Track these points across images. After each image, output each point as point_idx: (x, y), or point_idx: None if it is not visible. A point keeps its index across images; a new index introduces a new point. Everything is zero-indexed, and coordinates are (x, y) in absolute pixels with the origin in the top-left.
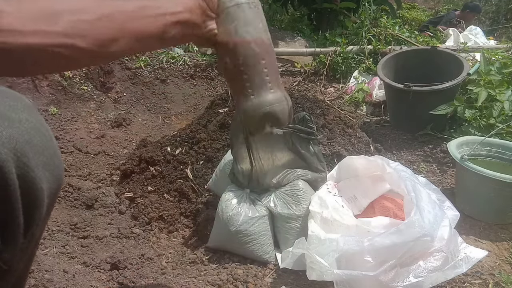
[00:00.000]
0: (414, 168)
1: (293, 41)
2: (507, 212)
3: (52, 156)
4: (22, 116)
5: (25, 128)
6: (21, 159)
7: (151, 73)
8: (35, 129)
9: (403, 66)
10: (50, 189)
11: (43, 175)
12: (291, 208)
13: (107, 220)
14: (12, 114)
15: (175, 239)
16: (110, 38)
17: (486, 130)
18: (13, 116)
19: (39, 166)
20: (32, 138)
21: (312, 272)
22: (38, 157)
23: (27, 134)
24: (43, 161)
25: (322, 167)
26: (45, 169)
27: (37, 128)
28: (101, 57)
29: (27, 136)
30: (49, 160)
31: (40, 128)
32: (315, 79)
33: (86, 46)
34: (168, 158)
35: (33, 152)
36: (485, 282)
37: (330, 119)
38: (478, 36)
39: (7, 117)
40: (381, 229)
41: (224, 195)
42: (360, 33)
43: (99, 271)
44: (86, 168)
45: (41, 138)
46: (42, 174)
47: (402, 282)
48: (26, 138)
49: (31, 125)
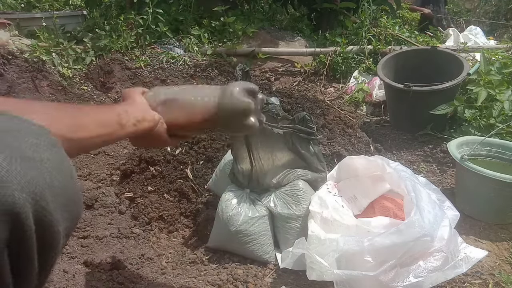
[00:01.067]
0: (414, 168)
1: (293, 41)
2: (507, 212)
3: (72, 196)
4: (44, 155)
5: (46, 169)
6: (39, 203)
7: (151, 73)
8: (57, 169)
9: (403, 66)
10: (67, 228)
11: (60, 217)
12: (291, 208)
13: (107, 220)
14: (34, 154)
15: (175, 239)
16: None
17: (486, 130)
18: (35, 156)
19: (57, 208)
20: (53, 179)
21: (312, 272)
22: (57, 199)
23: (48, 175)
24: (62, 202)
25: (322, 167)
26: (63, 210)
27: (59, 168)
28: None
29: (48, 178)
30: (69, 201)
31: (61, 168)
32: (315, 79)
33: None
34: (168, 158)
35: (52, 194)
36: (485, 282)
37: (330, 119)
38: (478, 36)
39: (28, 158)
40: (381, 229)
41: (224, 195)
42: (360, 33)
43: (99, 271)
44: (86, 168)
45: (62, 178)
46: (60, 216)
47: (402, 282)
48: (47, 180)
49: (52, 165)
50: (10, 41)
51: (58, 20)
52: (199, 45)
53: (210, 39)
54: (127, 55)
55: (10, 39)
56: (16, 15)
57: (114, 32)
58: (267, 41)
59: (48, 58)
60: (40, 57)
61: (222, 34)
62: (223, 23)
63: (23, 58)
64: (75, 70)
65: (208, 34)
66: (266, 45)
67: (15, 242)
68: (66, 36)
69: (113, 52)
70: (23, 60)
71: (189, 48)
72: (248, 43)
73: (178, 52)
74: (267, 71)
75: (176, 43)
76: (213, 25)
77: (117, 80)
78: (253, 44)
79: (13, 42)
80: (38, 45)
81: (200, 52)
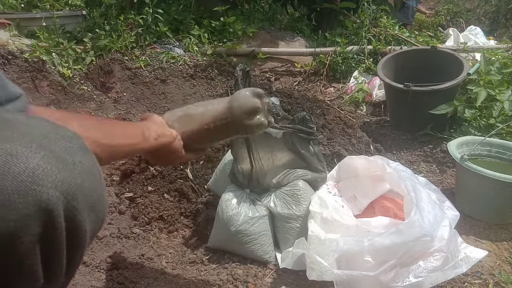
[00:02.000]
0: (414, 168)
1: (293, 41)
2: (507, 212)
3: (99, 198)
4: (76, 158)
5: (78, 171)
6: (71, 202)
7: (151, 73)
8: (88, 172)
9: (403, 66)
10: (93, 229)
11: (88, 218)
12: (291, 208)
13: (107, 220)
14: (67, 156)
15: (175, 239)
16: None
17: (486, 130)
18: (68, 158)
19: (86, 209)
20: (83, 181)
21: (312, 272)
22: (87, 200)
23: (80, 177)
24: (90, 203)
25: (322, 167)
26: (91, 211)
27: (90, 170)
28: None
29: (79, 179)
30: (96, 202)
31: (92, 170)
32: (315, 79)
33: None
34: None
35: (82, 195)
36: (485, 282)
37: (330, 119)
38: (478, 36)
39: (62, 160)
40: (381, 229)
41: (224, 195)
42: (360, 33)
43: (99, 271)
44: None
45: (92, 180)
46: (88, 216)
47: (402, 282)
48: (78, 182)
49: (83, 168)
50: (10, 41)
51: (58, 20)
52: (199, 45)
53: (210, 39)
54: (127, 55)
55: (10, 39)
56: (16, 15)
57: (114, 32)
58: (267, 41)
59: (48, 58)
60: (40, 57)
61: (222, 34)
62: (223, 23)
63: (23, 58)
64: (75, 70)
65: (208, 34)
66: (266, 45)
67: (47, 239)
68: (66, 36)
69: (113, 52)
70: (23, 60)
71: (189, 48)
72: (248, 43)
73: (178, 52)
74: (267, 71)
75: (176, 43)
76: (213, 25)
77: (117, 80)
78: (253, 44)
79: (13, 42)
80: (38, 45)
81: (200, 52)
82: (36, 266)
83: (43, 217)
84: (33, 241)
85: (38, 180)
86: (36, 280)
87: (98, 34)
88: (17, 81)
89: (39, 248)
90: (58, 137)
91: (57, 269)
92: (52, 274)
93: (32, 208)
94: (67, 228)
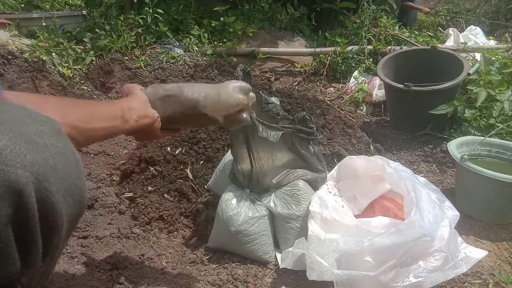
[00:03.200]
0: (414, 168)
1: (293, 41)
2: (507, 212)
3: (75, 180)
4: (49, 141)
5: (50, 153)
6: (42, 183)
7: (151, 73)
8: (61, 154)
9: (403, 66)
10: (70, 214)
11: (63, 201)
12: (291, 208)
13: (107, 220)
14: (39, 139)
15: (175, 239)
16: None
17: (486, 130)
18: (39, 141)
19: (60, 191)
20: (56, 163)
21: (312, 272)
22: (61, 182)
23: (52, 159)
24: (65, 186)
25: (322, 167)
26: (67, 194)
27: (63, 153)
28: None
29: (51, 161)
30: (72, 186)
31: (66, 153)
32: (315, 79)
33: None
34: (168, 158)
35: (55, 177)
36: (485, 282)
37: (330, 119)
38: (478, 36)
39: (32, 142)
40: (381, 229)
41: (224, 195)
42: (360, 33)
43: (99, 271)
44: (86, 168)
45: (66, 163)
46: (63, 199)
47: (402, 282)
48: (50, 163)
49: (56, 150)
50: (10, 41)
51: (58, 20)
52: (199, 45)
53: (210, 39)
54: (127, 55)
55: (10, 39)
56: (16, 15)
57: (114, 32)
58: (267, 41)
59: (48, 58)
60: (40, 57)
61: (222, 34)
62: (223, 23)
63: (23, 58)
64: (75, 70)
65: (208, 34)
66: (266, 45)
67: (19, 220)
68: (66, 36)
69: (113, 52)
70: (23, 60)
71: (189, 48)
72: (248, 43)
73: (178, 52)
74: (267, 71)
75: (176, 43)
76: (213, 25)
77: (117, 80)
78: (253, 44)
79: (13, 42)
80: (38, 45)
81: (200, 52)
82: (11, 248)
83: (13, 197)
84: (5, 222)
85: (6, 161)
86: (12, 263)
87: (98, 34)
88: (17, 81)
89: (11, 229)
90: (29, 120)
91: (33, 252)
92: (29, 257)
93: (1, 189)
94: (40, 210)
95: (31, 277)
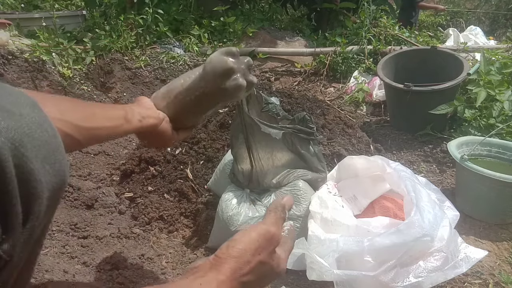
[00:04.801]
0: (414, 168)
1: (293, 41)
2: (507, 212)
3: (54, 151)
4: (24, 111)
5: (25, 122)
6: (18, 149)
7: (151, 73)
8: (37, 124)
9: (403, 66)
10: (51, 182)
11: (41, 168)
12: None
13: (107, 220)
14: (13, 108)
15: (175, 239)
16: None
17: (486, 130)
18: (14, 110)
19: (38, 158)
20: (32, 132)
21: (312, 272)
22: (38, 150)
23: (27, 127)
24: (43, 154)
25: (322, 167)
26: (45, 162)
27: (39, 123)
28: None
29: (27, 129)
30: (50, 155)
31: (42, 124)
32: (315, 79)
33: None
34: (168, 158)
35: (32, 144)
36: (485, 282)
37: (330, 119)
38: (478, 36)
39: (6, 110)
40: (381, 229)
41: (224, 195)
42: (360, 33)
43: (99, 271)
44: (86, 168)
45: (43, 133)
46: (41, 166)
47: (402, 282)
48: (25, 131)
49: (32, 120)
50: (10, 41)
51: (58, 20)
52: (199, 45)
53: (210, 39)
54: (127, 55)
55: (10, 39)
56: (16, 15)
57: (114, 32)
58: (267, 41)
59: (48, 58)
60: (40, 57)
61: (222, 34)
62: (223, 23)
63: (23, 58)
64: (75, 70)
65: (208, 34)
66: (266, 45)
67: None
68: (66, 36)
69: (113, 52)
70: (23, 60)
71: (189, 48)
72: (248, 43)
73: (178, 52)
74: (267, 71)
75: (176, 43)
76: (213, 25)
77: (117, 80)
78: (253, 44)
79: (13, 42)
80: (38, 45)
81: (200, 52)
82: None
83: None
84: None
85: None
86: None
87: (98, 34)
88: (17, 81)
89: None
90: (4, 92)
91: (12, 217)
92: (8, 223)
93: None
94: (18, 175)
95: (13, 245)
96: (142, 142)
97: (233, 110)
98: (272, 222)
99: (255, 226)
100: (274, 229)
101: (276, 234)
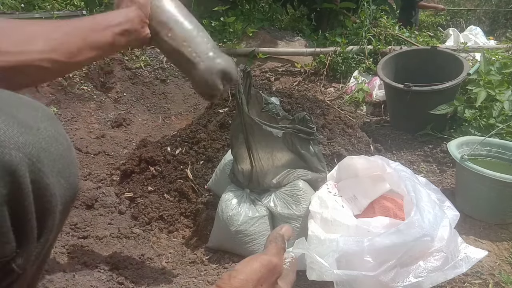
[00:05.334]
0: (414, 168)
1: (293, 41)
2: (507, 212)
3: (68, 165)
4: (42, 125)
5: (42, 136)
6: (35, 164)
7: (151, 73)
8: (53, 138)
9: (403, 66)
10: (64, 196)
11: (57, 182)
12: (291, 208)
13: (107, 220)
14: (31, 122)
15: (175, 239)
16: (75, 50)
17: (486, 130)
18: (32, 124)
19: (53, 172)
20: (49, 146)
21: (312, 272)
22: (53, 164)
23: (44, 142)
24: (58, 168)
25: (322, 167)
26: (60, 176)
27: (55, 137)
28: (70, 66)
29: (44, 144)
30: (65, 168)
31: (58, 138)
32: (315, 79)
33: (59, 58)
34: (168, 158)
35: (48, 159)
36: (485, 282)
37: (330, 119)
38: (478, 36)
39: (25, 124)
40: (381, 229)
41: (224, 195)
42: (360, 33)
43: (99, 271)
44: (86, 168)
45: (58, 147)
46: (56, 180)
47: (402, 282)
48: (42, 146)
49: (49, 134)
50: None
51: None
52: None
53: None
54: (127, 55)
55: None
56: (16, 15)
57: None
58: (267, 41)
59: None
60: None
61: (222, 34)
62: (223, 23)
63: None
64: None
65: (208, 34)
66: (266, 45)
67: (14, 200)
68: None
69: None
70: None
71: None
72: (248, 43)
73: None
74: (267, 71)
75: None
76: (213, 25)
77: (117, 80)
78: (253, 44)
79: None
80: None
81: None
82: (6, 228)
83: (7, 177)
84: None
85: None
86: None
87: None
88: None
89: (7, 209)
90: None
91: (28, 232)
92: (24, 237)
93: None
94: (34, 190)
95: (27, 258)
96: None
97: (233, 110)
98: (274, 253)
99: (256, 257)
100: (276, 260)
101: (279, 265)
